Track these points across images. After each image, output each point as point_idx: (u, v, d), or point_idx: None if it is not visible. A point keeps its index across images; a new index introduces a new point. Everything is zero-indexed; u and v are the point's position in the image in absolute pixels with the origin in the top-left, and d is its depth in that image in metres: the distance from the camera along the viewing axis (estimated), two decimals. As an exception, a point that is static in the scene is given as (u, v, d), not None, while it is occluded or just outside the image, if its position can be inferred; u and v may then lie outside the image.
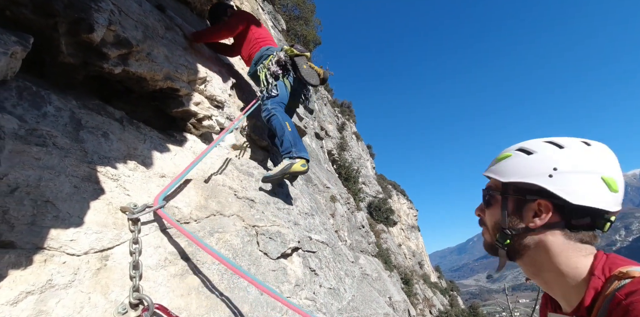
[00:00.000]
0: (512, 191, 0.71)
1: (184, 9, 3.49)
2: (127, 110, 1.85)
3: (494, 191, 0.75)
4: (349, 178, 11.94)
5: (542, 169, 0.67)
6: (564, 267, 0.64)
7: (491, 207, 0.75)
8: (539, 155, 0.69)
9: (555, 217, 0.66)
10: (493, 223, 0.74)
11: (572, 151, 0.68)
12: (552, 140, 0.71)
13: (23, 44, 1.17)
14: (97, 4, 1.51)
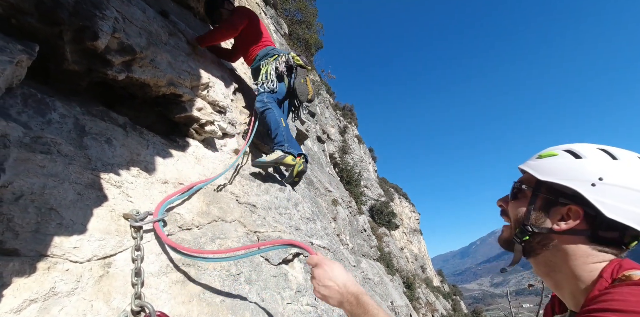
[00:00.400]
0: (545, 190, 0.70)
1: (187, 14, 3.52)
2: (131, 116, 1.87)
3: (527, 185, 0.73)
4: (351, 181, 11.93)
5: (587, 175, 0.65)
6: (579, 270, 0.64)
7: (518, 200, 0.74)
8: (587, 161, 0.66)
9: (582, 225, 0.65)
10: (516, 217, 0.73)
11: (625, 165, 0.65)
12: (606, 149, 0.68)
13: (29, 52, 1.19)
14: (102, 11, 1.53)
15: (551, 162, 0.70)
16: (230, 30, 2.60)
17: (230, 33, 2.63)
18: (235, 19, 2.63)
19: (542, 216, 0.69)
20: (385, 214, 14.97)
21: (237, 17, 2.66)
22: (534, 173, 0.71)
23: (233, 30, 2.62)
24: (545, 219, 0.68)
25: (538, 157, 0.74)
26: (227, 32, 2.61)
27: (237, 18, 2.65)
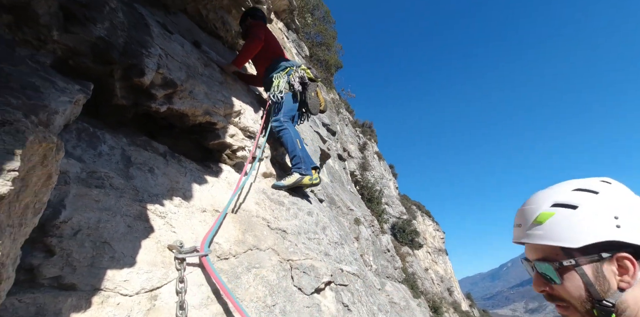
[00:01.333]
0: (581, 255, 0.62)
1: (217, 43, 3.72)
2: (170, 144, 1.96)
3: (560, 261, 0.64)
4: (372, 199, 11.75)
5: (605, 222, 0.61)
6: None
7: (566, 281, 0.64)
8: (587, 209, 0.63)
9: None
10: (579, 298, 0.63)
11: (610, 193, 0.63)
12: (580, 188, 0.66)
13: (85, 91, 1.28)
14: (148, 50, 1.65)
15: (560, 224, 0.64)
16: (256, 40, 2.75)
17: (257, 43, 2.76)
18: (257, 31, 2.80)
19: (603, 282, 0.61)
20: (408, 233, 14.52)
21: (257, 29, 2.82)
22: (563, 243, 0.63)
23: (259, 40, 2.76)
24: (608, 283, 0.61)
25: (536, 223, 0.66)
26: (255, 44, 2.75)
27: (258, 30, 2.82)
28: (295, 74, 2.77)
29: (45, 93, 1.07)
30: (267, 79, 2.89)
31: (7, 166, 0.51)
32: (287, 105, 2.74)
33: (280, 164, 3.02)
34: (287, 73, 2.79)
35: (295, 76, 2.75)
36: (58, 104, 1.09)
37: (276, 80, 2.77)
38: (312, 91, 2.81)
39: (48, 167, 0.67)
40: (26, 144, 0.56)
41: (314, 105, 2.83)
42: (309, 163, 2.65)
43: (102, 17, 1.44)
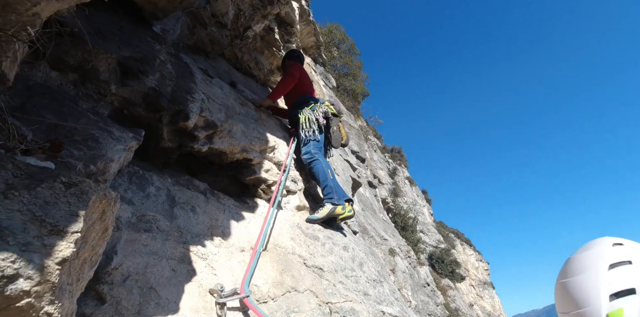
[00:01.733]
0: None
1: (250, 81, 3.96)
2: (209, 181, 2.03)
3: None
4: (406, 227, 11.25)
5: None
6: None
7: None
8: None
9: None
10: None
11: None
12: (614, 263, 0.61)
13: (137, 138, 1.38)
14: (192, 95, 1.77)
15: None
16: (290, 78, 3.04)
17: (291, 81, 3.05)
18: (292, 70, 3.11)
19: None
20: (448, 263, 13.57)
21: (293, 69, 3.14)
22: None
23: (293, 78, 3.05)
24: None
25: None
26: (289, 81, 3.04)
27: (293, 69, 3.13)
28: (319, 110, 2.93)
29: (103, 143, 1.16)
30: (293, 113, 3.05)
31: (71, 228, 0.54)
32: (315, 138, 2.84)
33: (313, 196, 3.01)
34: (311, 109, 2.95)
35: (320, 111, 2.92)
36: (114, 153, 1.17)
37: (302, 116, 2.92)
38: (334, 125, 2.96)
39: (106, 221, 0.70)
40: (89, 204, 0.60)
41: (336, 139, 2.95)
42: (341, 193, 2.65)
43: (154, 69, 1.59)
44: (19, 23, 0.61)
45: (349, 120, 8.56)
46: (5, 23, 0.59)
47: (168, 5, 1.72)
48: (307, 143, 2.80)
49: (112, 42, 1.41)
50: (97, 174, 1.10)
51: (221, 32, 2.93)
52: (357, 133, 9.13)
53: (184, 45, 2.67)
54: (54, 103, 1.08)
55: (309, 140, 2.81)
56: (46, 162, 0.73)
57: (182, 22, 2.50)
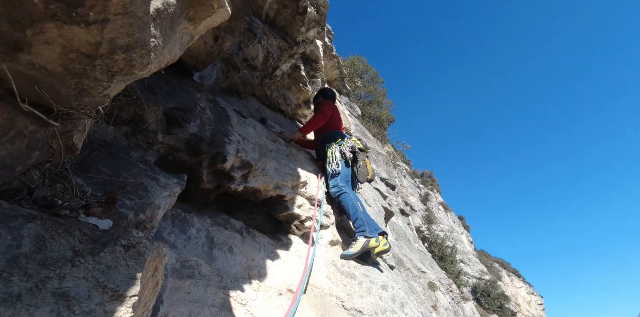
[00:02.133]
0: None
1: (279, 116, 4.12)
2: (245, 218, 2.06)
3: None
4: (444, 257, 10.58)
5: None
6: None
7: None
8: None
9: None
10: None
11: None
12: None
13: (181, 183, 1.45)
14: (229, 138, 1.87)
15: None
16: (322, 117, 3.19)
17: (322, 119, 3.20)
18: (325, 109, 3.26)
19: None
20: (494, 297, 12.41)
21: (326, 107, 3.30)
22: None
23: (324, 117, 3.20)
24: None
25: None
26: (320, 119, 3.18)
27: (326, 108, 3.29)
28: (346, 144, 3.01)
29: (151, 191, 1.23)
30: (321, 147, 3.15)
31: (129, 292, 0.56)
32: (343, 171, 2.87)
33: (345, 230, 2.95)
34: (338, 143, 3.04)
35: (347, 146, 2.99)
36: (161, 200, 1.24)
37: (329, 150, 3.00)
38: (361, 160, 3.00)
39: (157, 277, 0.73)
40: (144, 266, 0.62)
41: (362, 174, 2.97)
42: (373, 225, 2.59)
43: (195, 116, 1.71)
44: (92, 103, 0.70)
45: (375, 147, 8.54)
46: (79, 104, 0.68)
47: (207, 57, 1.89)
48: (335, 176, 2.83)
49: (159, 96, 1.55)
50: (145, 221, 1.15)
51: (252, 74, 3.13)
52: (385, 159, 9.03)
53: (219, 89, 2.87)
54: (109, 157, 1.18)
55: (337, 173, 2.83)
56: (105, 220, 0.78)
57: (217, 68, 2.71)
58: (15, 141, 0.62)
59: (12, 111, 0.61)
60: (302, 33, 3.52)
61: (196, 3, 0.89)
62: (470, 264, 13.85)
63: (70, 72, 0.63)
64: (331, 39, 6.13)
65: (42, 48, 0.57)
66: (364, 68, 9.62)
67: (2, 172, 0.61)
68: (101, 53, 0.63)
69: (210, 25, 1.03)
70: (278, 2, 3.06)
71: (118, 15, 0.59)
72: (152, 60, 0.77)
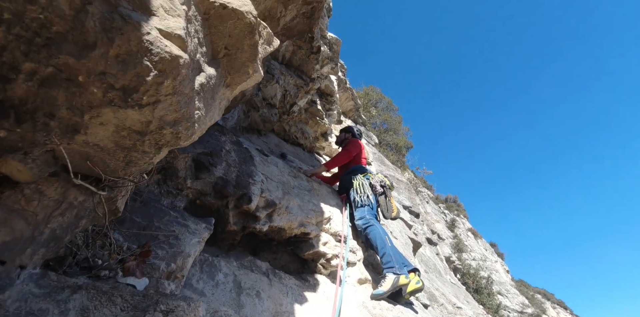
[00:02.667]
0: None
1: (298, 150, 4.20)
2: (270, 259, 2.03)
3: None
4: (480, 289, 9.85)
5: None
6: None
7: None
8: None
9: None
10: None
11: None
12: None
13: (209, 228, 1.47)
14: (253, 178, 1.90)
15: None
16: (347, 155, 3.27)
17: (347, 157, 3.27)
18: (351, 147, 3.34)
19: None
20: (541, 334, 11.22)
21: (352, 146, 3.37)
22: None
23: (349, 155, 3.27)
24: None
25: None
26: (345, 157, 3.27)
27: (353, 146, 3.36)
28: (374, 178, 3.04)
29: (181, 239, 1.24)
30: (346, 178, 3.14)
31: None
32: (371, 204, 2.81)
33: (373, 266, 2.84)
34: (365, 176, 3.05)
35: (376, 179, 3.01)
36: (191, 247, 1.25)
37: (356, 181, 3.00)
38: (388, 196, 3.01)
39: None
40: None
41: (388, 209, 2.94)
42: (401, 261, 2.45)
43: (220, 159, 1.77)
44: (137, 171, 0.74)
45: (395, 174, 8.42)
46: (126, 173, 0.73)
47: (231, 103, 1.99)
48: (361, 208, 2.78)
49: (188, 143, 1.63)
50: (176, 271, 1.16)
51: (271, 111, 3.26)
52: (407, 186, 8.85)
53: (240, 128, 2.99)
54: (143, 206, 1.22)
55: (363, 204, 2.79)
56: (142, 279, 0.79)
57: (238, 109, 2.84)
58: (66, 213, 0.66)
59: (64, 185, 0.65)
60: (316, 70, 3.68)
61: (233, 70, 0.95)
62: (510, 296, 12.77)
63: (120, 147, 0.68)
64: (344, 72, 6.37)
65: (97, 129, 0.62)
66: (378, 97, 9.84)
67: (52, 244, 0.65)
68: (151, 130, 0.69)
69: (245, 88, 1.10)
70: (293, 44, 3.25)
71: (168, 95, 0.65)
72: (196, 131, 0.82)
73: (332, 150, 4.92)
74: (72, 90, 0.54)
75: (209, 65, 0.80)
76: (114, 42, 0.53)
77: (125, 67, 0.56)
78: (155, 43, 0.57)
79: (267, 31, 0.98)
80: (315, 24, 2.87)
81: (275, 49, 1.09)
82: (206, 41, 0.78)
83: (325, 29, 3.93)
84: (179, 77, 0.63)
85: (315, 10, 2.72)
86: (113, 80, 0.56)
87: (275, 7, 2.36)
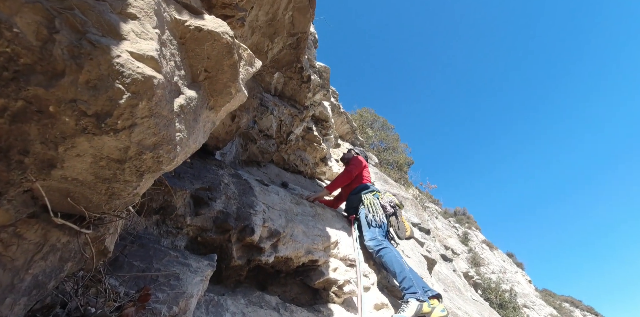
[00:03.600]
0: None
1: (299, 177, 4.18)
2: (279, 292, 1.95)
3: None
4: (504, 304, 9.36)
5: None
6: None
7: None
8: None
9: None
10: None
11: None
12: None
13: (212, 265, 1.42)
14: (254, 208, 1.88)
15: None
16: (348, 175, 3.23)
17: (348, 178, 3.23)
18: (352, 168, 3.29)
19: None
20: (578, 348, 10.49)
21: (354, 166, 3.31)
22: None
23: (349, 176, 3.23)
24: None
25: None
26: (346, 177, 3.23)
27: (354, 167, 3.31)
28: (384, 197, 2.98)
29: (183, 279, 1.20)
30: (354, 198, 3.09)
31: None
32: (381, 224, 2.74)
33: (388, 289, 2.71)
34: (374, 195, 2.98)
35: (386, 200, 2.95)
36: (193, 287, 1.20)
37: (367, 200, 2.93)
38: (399, 216, 2.93)
39: None
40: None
41: (402, 230, 2.85)
42: (422, 286, 2.34)
43: (220, 193, 1.76)
44: (122, 204, 0.73)
45: (400, 192, 8.33)
46: (110, 208, 0.71)
47: (227, 136, 2.02)
48: (372, 229, 2.70)
49: (185, 180, 1.62)
50: (179, 314, 1.10)
51: (268, 142, 3.29)
52: (413, 203, 8.72)
53: (239, 161, 3.00)
54: (141, 249, 1.20)
55: (375, 224, 2.71)
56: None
57: (236, 143, 2.87)
58: (49, 256, 0.64)
59: (45, 226, 0.63)
60: (309, 98, 3.77)
61: (215, 93, 0.97)
62: (536, 308, 12.12)
63: (101, 179, 0.66)
64: (337, 98, 6.52)
65: (74, 161, 0.61)
66: (373, 118, 10.00)
67: (35, 292, 0.62)
68: (130, 156, 0.67)
69: (230, 109, 1.11)
70: (284, 76, 3.36)
71: (145, 118, 0.64)
72: (179, 153, 0.81)
73: (332, 175, 4.90)
74: (44, 123, 0.53)
75: (189, 88, 0.81)
76: (83, 67, 0.53)
77: (97, 92, 0.56)
78: (126, 65, 0.57)
79: (247, 53, 1.01)
80: (302, 54, 2.98)
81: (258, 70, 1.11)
82: (184, 64, 0.79)
83: (313, 59, 4.08)
84: (154, 98, 0.63)
85: (301, 41, 2.84)
86: (85, 106, 0.56)
87: (262, 42, 2.47)
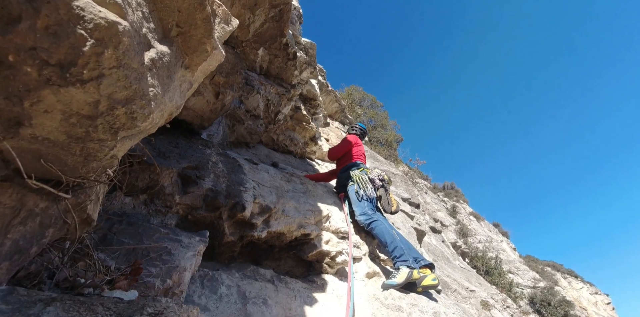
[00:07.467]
0: None
1: (289, 157, 4.17)
2: (274, 266, 2.00)
3: None
4: (490, 270, 9.89)
5: None
6: None
7: None
8: None
9: None
10: None
11: None
12: None
13: (204, 240, 1.44)
14: (244, 185, 1.88)
15: None
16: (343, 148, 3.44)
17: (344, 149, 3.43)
18: (345, 142, 3.48)
19: None
20: (556, 305, 11.28)
21: (346, 141, 3.48)
22: None
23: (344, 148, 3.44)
24: None
25: None
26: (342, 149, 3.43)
27: (346, 141, 3.47)
28: (373, 172, 3.06)
29: (175, 254, 1.22)
30: (344, 175, 3.14)
31: None
32: (369, 197, 2.79)
33: (379, 259, 2.81)
34: (361, 171, 3.04)
35: (374, 174, 3.03)
36: (186, 261, 1.22)
37: (356, 176, 2.98)
38: (387, 190, 3.01)
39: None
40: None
41: (389, 204, 2.94)
42: (414, 255, 2.41)
43: (208, 171, 1.74)
44: (100, 168, 0.71)
45: (390, 168, 8.45)
46: (87, 171, 0.69)
47: (212, 114, 1.98)
48: (361, 203, 2.75)
49: (171, 159, 1.60)
50: (173, 287, 1.13)
51: (256, 122, 3.24)
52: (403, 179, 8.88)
53: (227, 143, 2.96)
54: (130, 227, 1.20)
55: (363, 199, 2.77)
56: (130, 292, 0.76)
57: (223, 124, 2.82)
58: (27, 222, 0.63)
59: (20, 191, 0.61)
60: (296, 76, 3.68)
61: (190, 50, 0.92)
62: (520, 273, 12.86)
63: (73, 138, 0.63)
64: (324, 76, 6.39)
65: (43, 118, 0.58)
66: (361, 96, 9.89)
67: (16, 257, 0.61)
68: (101, 111, 0.64)
69: (207, 70, 1.06)
70: (269, 53, 3.25)
71: (112, 68, 0.60)
72: (154, 109, 0.77)
73: (323, 154, 4.91)
74: (5, 74, 0.50)
75: (161, 43, 0.77)
76: (40, 11, 0.49)
77: (58, 39, 0.52)
78: (87, 8, 0.53)
79: (222, 9, 0.96)
80: (286, 27, 2.87)
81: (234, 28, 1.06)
82: (153, 17, 0.75)
83: (299, 35, 3.94)
84: (121, 46, 0.59)
85: (284, 12, 2.72)
86: (46, 55, 0.52)
87: (243, 14, 2.36)
